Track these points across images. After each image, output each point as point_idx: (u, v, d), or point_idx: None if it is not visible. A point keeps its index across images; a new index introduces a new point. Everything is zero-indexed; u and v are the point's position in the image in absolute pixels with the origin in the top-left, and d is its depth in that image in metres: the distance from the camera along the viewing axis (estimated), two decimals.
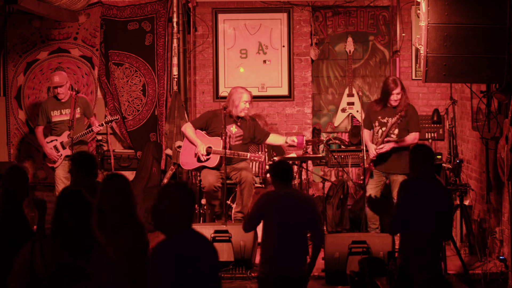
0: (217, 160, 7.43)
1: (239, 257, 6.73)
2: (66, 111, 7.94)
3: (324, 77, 9.28)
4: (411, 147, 5.44)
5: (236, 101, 7.51)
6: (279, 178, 5.22)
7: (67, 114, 7.91)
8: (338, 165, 8.79)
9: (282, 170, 5.25)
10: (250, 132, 7.62)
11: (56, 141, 8.00)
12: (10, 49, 8.97)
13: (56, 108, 8.02)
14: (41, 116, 8.10)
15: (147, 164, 8.88)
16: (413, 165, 5.21)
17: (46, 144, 8.02)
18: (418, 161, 5.15)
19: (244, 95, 7.53)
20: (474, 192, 7.54)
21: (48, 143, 8.02)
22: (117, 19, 9.03)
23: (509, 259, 6.56)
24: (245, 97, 7.52)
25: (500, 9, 5.93)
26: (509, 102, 6.16)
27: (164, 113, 8.93)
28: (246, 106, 7.53)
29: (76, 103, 7.87)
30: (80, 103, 7.97)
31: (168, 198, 3.56)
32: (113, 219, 4.22)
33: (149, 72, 9.03)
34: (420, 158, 5.16)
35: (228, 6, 9.17)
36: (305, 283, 5.21)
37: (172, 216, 3.53)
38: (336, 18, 9.19)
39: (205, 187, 7.39)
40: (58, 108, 8.01)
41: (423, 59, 6.07)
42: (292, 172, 5.36)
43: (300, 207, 5.14)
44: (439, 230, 5.02)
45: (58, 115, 8.00)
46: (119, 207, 4.25)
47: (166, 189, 3.64)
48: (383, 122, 7.40)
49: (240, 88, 7.65)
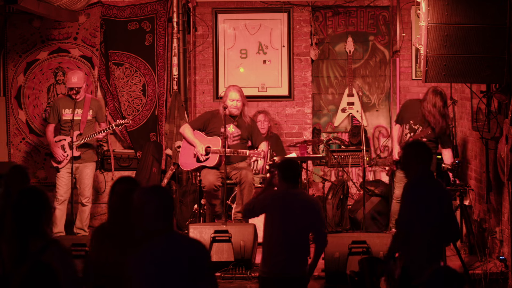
0: (216, 159, 7.43)
1: (239, 257, 6.73)
2: (78, 111, 7.75)
3: (324, 77, 9.29)
4: (405, 143, 5.37)
5: (224, 98, 7.55)
6: (285, 177, 5.19)
7: (79, 114, 7.75)
8: (338, 165, 8.79)
9: (289, 170, 5.23)
10: (247, 133, 7.61)
11: (65, 141, 7.80)
12: (10, 49, 8.97)
13: (68, 107, 7.81)
14: (52, 114, 7.91)
15: (147, 164, 8.87)
16: (409, 162, 5.08)
17: (55, 143, 7.82)
18: (417, 159, 5.04)
19: (231, 93, 7.52)
20: (474, 192, 7.55)
21: (56, 142, 7.83)
22: (117, 19, 9.03)
23: (509, 259, 6.56)
24: (232, 95, 7.51)
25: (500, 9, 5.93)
26: (509, 102, 6.16)
27: (164, 113, 8.93)
28: (233, 104, 7.50)
29: (90, 105, 7.78)
30: (93, 106, 7.87)
31: (137, 202, 3.52)
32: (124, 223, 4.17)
33: (149, 72, 9.04)
34: (418, 156, 5.04)
35: (228, 6, 9.17)
36: (305, 284, 5.21)
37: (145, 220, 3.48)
38: (336, 18, 9.20)
39: (205, 186, 7.39)
40: (70, 107, 7.78)
41: (423, 59, 6.08)
42: (299, 173, 5.33)
43: (304, 209, 5.13)
44: (442, 231, 4.98)
45: (69, 114, 7.79)
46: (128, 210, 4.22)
47: (136, 194, 3.58)
48: (413, 128, 7.46)
49: (232, 87, 7.65)
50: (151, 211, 3.47)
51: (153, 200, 3.49)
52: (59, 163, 7.80)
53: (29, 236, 3.63)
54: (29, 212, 3.69)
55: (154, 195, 3.52)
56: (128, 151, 9.11)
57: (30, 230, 3.66)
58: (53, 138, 7.87)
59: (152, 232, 3.47)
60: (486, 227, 7.19)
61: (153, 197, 3.50)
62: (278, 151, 8.45)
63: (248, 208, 5.29)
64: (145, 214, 3.48)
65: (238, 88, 7.59)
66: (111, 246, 4.04)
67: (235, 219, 7.51)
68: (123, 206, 4.09)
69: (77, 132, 7.77)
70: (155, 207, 3.48)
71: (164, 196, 3.54)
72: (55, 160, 7.84)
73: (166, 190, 3.69)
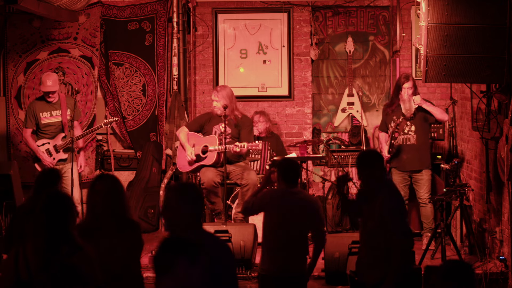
0: (214, 157, 7.42)
1: (239, 257, 6.73)
2: (57, 113, 7.70)
3: (324, 77, 9.29)
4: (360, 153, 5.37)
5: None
6: (284, 177, 5.21)
7: (58, 115, 7.70)
8: (338, 165, 8.79)
9: (288, 169, 5.24)
10: (235, 132, 7.59)
11: (49, 144, 7.72)
12: (10, 49, 8.97)
13: (45, 110, 7.72)
14: (29, 118, 7.74)
15: (147, 164, 8.88)
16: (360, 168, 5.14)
17: (38, 148, 7.69)
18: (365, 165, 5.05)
19: (213, 93, 7.62)
20: (474, 192, 7.55)
21: (39, 146, 7.72)
22: (117, 19, 9.03)
23: (509, 259, 6.56)
24: (212, 96, 7.60)
25: (500, 9, 5.93)
26: (509, 102, 6.16)
27: (164, 113, 8.93)
28: (213, 104, 7.56)
29: (66, 104, 7.69)
30: (69, 104, 7.76)
31: (172, 198, 3.57)
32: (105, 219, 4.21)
33: (149, 72, 9.04)
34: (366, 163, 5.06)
35: (228, 6, 9.17)
36: (305, 283, 5.21)
37: (178, 216, 3.53)
38: (336, 18, 9.20)
39: (205, 182, 7.37)
40: (48, 110, 7.71)
41: (423, 59, 6.07)
42: (299, 173, 5.35)
43: (302, 208, 5.14)
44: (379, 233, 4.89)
45: (48, 117, 7.72)
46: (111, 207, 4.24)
47: (172, 189, 3.65)
48: (397, 122, 7.50)
49: (215, 88, 7.78)
50: (184, 206, 3.54)
51: (189, 200, 3.57)
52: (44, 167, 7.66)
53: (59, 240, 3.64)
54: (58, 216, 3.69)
55: (190, 194, 3.60)
56: (128, 151, 9.11)
57: (59, 234, 3.65)
58: (35, 143, 7.74)
59: (183, 226, 3.53)
60: (486, 227, 7.19)
61: (190, 197, 3.58)
62: (278, 151, 8.45)
63: (247, 206, 5.33)
64: (180, 212, 3.54)
65: (219, 88, 7.62)
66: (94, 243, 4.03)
67: (235, 219, 7.50)
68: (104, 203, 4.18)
69: (62, 134, 7.72)
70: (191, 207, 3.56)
71: (199, 194, 3.66)
72: (42, 165, 7.70)
73: (200, 191, 3.75)
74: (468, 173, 7.87)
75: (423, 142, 7.57)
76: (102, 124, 7.86)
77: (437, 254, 7.13)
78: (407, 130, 7.56)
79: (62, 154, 7.71)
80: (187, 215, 3.56)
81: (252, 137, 7.66)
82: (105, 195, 4.22)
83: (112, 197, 4.24)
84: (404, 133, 7.56)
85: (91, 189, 4.31)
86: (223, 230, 6.79)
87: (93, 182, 4.35)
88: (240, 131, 7.58)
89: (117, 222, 4.20)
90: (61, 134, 7.72)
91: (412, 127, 7.54)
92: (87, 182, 8.93)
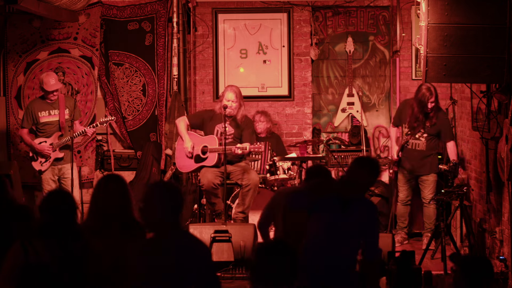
0: (215, 158, 7.42)
1: (239, 257, 6.73)
2: (55, 112, 7.70)
3: (324, 77, 9.29)
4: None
5: (221, 98, 7.59)
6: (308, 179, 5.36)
7: (56, 115, 7.70)
8: (338, 165, 8.79)
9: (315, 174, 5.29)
10: (237, 133, 7.59)
11: (45, 143, 7.68)
12: (10, 49, 8.97)
13: (44, 109, 7.72)
14: (26, 117, 7.75)
15: (147, 164, 8.88)
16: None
17: (35, 142, 7.66)
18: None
19: (227, 93, 7.52)
20: (474, 192, 7.55)
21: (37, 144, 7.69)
22: (117, 19, 9.03)
23: (509, 259, 6.55)
24: (228, 95, 7.50)
25: (500, 9, 5.92)
26: (509, 102, 6.15)
27: (164, 113, 8.93)
28: (229, 104, 7.45)
29: (65, 104, 7.68)
30: (68, 104, 7.76)
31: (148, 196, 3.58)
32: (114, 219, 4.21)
33: (149, 72, 9.04)
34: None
35: (228, 6, 9.17)
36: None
37: (153, 213, 3.53)
38: (336, 18, 9.20)
39: (204, 184, 7.36)
40: (46, 109, 7.71)
41: (423, 59, 6.07)
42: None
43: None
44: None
45: (47, 116, 7.72)
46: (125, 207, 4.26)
47: (148, 188, 3.67)
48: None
49: (230, 87, 7.64)
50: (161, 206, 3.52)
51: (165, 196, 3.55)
52: (41, 164, 7.67)
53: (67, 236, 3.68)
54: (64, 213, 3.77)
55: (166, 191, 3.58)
56: (128, 151, 9.11)
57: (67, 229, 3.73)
58: (31, 140, 7.72)
59: (159, 226, 3.52)
60: (486, 227, 7.19)
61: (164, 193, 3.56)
62: (279, 151, 8.44)
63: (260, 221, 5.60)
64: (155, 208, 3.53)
65: (235, 89, 7.56)
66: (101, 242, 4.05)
67: (236, 219, 7.49)
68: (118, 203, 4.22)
69: (58, 133, 7.71)
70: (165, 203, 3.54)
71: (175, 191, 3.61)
72: (36, 161, 7.68)
73: (178, 188, 3.72)
74: (468, 173, 7.87)
75: (432, 148, 7.63)
76: (98, 123, 7.79)
77: (437, 254, 7.13)
78: (419, 135, 7.58)
79: (58, 153, 7.69)
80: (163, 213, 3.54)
81: (254, 138, 7.67)
82: (120, 195, 4.24)
83: (126, 197, 4.27)
84: (415, 138, 7.57)
85: (103, 189, 4.30)
86: (223, 230, 6.79)
87: (102, 182, 4.34)
88: (242, 132, 7.58)
89: (125, 222, 4.21)
90: (57, 133, 7.71)
91: (424, 134, 7.56)
92: (87, 182, 8.94)
